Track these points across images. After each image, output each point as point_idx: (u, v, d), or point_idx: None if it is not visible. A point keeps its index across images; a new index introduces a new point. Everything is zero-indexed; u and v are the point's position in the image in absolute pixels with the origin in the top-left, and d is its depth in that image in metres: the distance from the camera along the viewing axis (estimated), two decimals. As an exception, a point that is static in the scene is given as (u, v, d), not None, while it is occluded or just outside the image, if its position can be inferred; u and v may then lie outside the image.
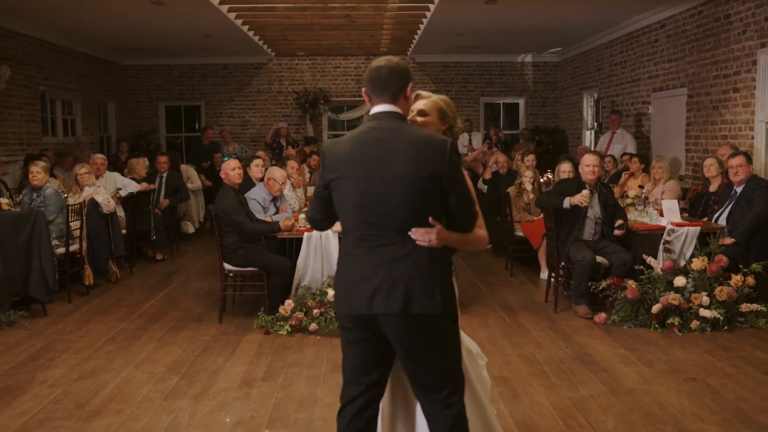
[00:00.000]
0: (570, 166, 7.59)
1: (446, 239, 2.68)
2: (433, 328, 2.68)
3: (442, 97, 3.12)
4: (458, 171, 2.70)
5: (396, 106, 2.78)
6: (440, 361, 2.72)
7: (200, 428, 4.10)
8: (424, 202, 2.65)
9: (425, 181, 2.64)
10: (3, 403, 4.51)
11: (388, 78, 2.76)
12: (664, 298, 5.91)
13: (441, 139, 2.70)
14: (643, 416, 4.15)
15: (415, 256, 2.65)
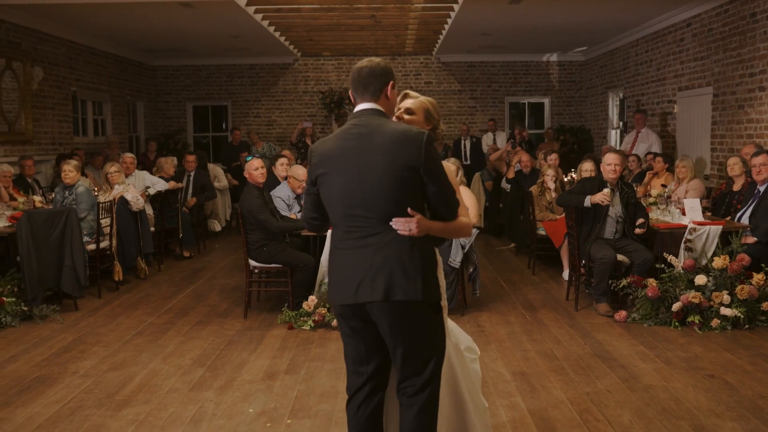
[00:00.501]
0: (592, 165, 7.62)
1: (427, 228, 2.76)
2: (414, 315, 2.77)
3: (428, 99, 3.18)
4: (435, 161, 2.77)
5: (376, 103, 2.89)
6: (421, 348, 2.81)
7: (224, 418, 4.23)
8: (403, 193, 2.74)
9: (402, 171, 2.73)
10: (37, 392, 4.68)
11: (368, 78, 2.87)
12: (684, 296, 5.93)
13: (417, 132, 2.78)
14: (659, 411, 4.20)
15: (396, 245, 2.75)
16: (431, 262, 2.85)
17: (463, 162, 13.48)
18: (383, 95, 2.91)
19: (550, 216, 8.20)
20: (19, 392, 4.68)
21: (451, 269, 6.34)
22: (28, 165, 9.01)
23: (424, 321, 2.81)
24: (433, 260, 2.88)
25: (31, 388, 4.75)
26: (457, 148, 13.80)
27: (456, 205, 2.87)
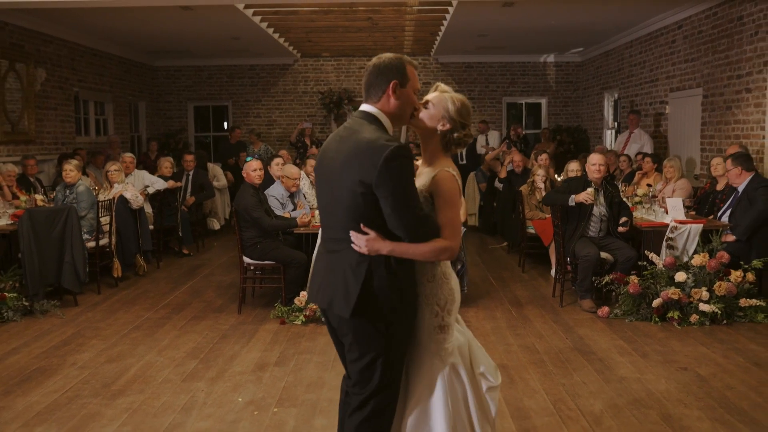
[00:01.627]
0: (578, 166, 7.81)
1: (383, 248, 2.63)
2: (352, 328, 2.71)
3: (458, 96, 2.97)
4: (393, 180, 2.55)
5: (376, 105, 2.78)
6: (361, 362, 2.72)
7: (214, 406, 4.43)
8: (358, 209, 2.63)
9: (355, 186, 2.60)
10: (36, 382, 4.89)
11: (371, 77, 2.79)
12: (664, 292, 6.11)
13: (381, 145, 2.58)
14: (630, 401, 4.39)
15: (347, 259, 2.68)
16: (393, 278, 2.67)
17: (459, 162, 13.67)
18: (385, 96, 2.76)
19: (540, 215, 8.38)
20: (20, 382, 4.89)
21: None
22: (31, 164, 9.23)
23: (363, 336, 2.70)
24: (401, 276, 2.69)
25: (30, 379, 4.95)
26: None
27: (420, 227, 2.64)
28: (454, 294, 2.83)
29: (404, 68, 2.81)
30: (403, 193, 2.59)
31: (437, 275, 2.80)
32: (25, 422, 4.22)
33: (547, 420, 4.14)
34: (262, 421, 4.20)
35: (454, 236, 2.70)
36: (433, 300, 2.79)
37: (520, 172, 9.99)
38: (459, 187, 2.80)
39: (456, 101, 2.90)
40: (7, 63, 9.64)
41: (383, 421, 2.81)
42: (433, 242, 2.66)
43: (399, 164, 2.57)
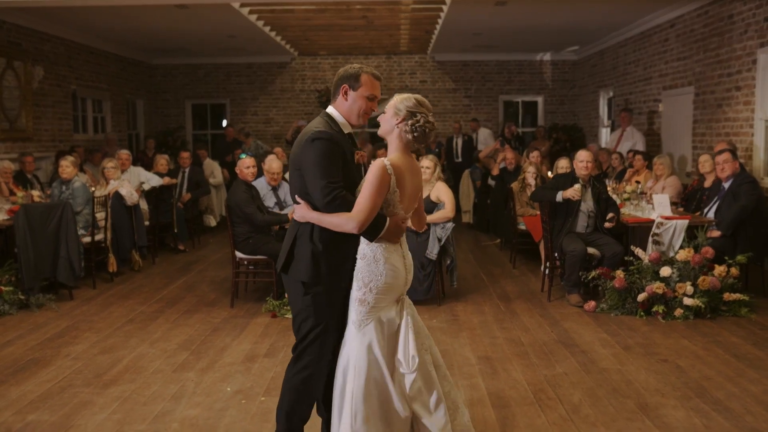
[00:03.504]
0: (568, 163, 7.91)
1: (304, 215, 3.22)
2: (286, 284, 3.39)
3: (403, 95, 3.27)
4: (307, 156, 3.17)
5: (333, 105, 3.39)
6: (293, 317, 3.38)
7: (203, 395, 4.54)
8: (296, 184, 3.28)
9: (294, 166, 3.28)
10: (30, 372, 4.99)
11: (333, 85, 3.40)
12: (649, 287, 6.20)
13: (310, 131, 3.22)
14: (609, 391, 4.49)
15: (292, 228, 3.35)
16: (313, 247, 3.22)
17: (455, 159, 13.78)
18: (339, 97, 3.37)
19: (531, 211, 8.48)
20: (14, 372, 5.00)
21: (429, 261, 6.64)
22: (28, 161, 9.34)
23: (291, 293, 3.36)
24: (320, 246, 3.22)
25: (24, 369, 5.06)
26: (449, 145, 14.07)
27: (326, 198, 3.12)
28: (382, 276, 3.19)
29: (358, 76, 3.33)
30: (314, 167, 3.16)
31: (368, 255, 3.20)
32: (18, 410, 4.32)
33: (526, 408, 4.24)
34: (249, 409, 4.31)
35: (359, 213, 3.08)
36: (359, 275, 3.20)
37: (512, 169, 10.08)
38: (385, 177, 3.10)
39: (403, 97, 3.25)
40: (4, 61, 9.75)
41: (312, 378, 3.32)
42: (339, 214, 3.13)
43: (314, 144, 3.17)
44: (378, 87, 3.38)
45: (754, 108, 8.28)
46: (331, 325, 3.28)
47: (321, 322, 3.26)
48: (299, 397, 3.35)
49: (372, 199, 3.08)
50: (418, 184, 3.35)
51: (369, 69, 3.36)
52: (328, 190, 3.13)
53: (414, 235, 6.72)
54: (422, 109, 3.22)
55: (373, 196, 3.08)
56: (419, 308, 6.54)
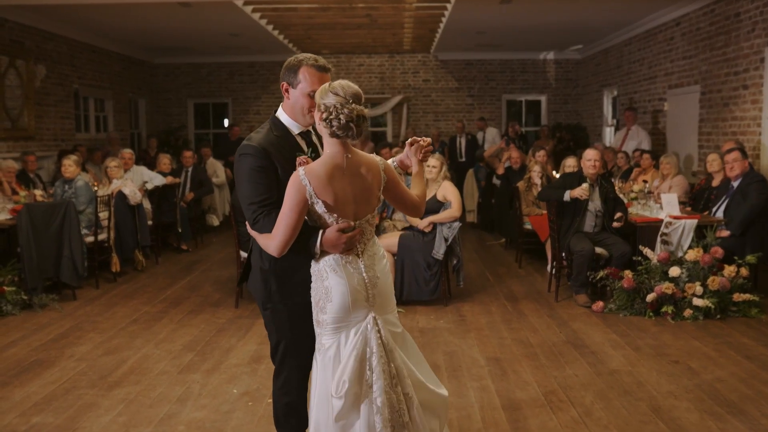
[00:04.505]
0: (575, 161, 7.85)
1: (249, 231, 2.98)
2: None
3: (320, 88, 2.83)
4: (237, 176, 2.97)
5: (281, 104, 3.13)
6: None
7: (209, 397, 4.48)
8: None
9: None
10: (34, 374, 4.94)
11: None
12: (658, 287, 6.14)
13: (242, 142, 3.00)
14: (620, 393, 4.43)
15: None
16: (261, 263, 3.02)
17: (458, 159, 13.72)
18: (284, 95, 3.08)
19: (537, 211, 8.42)
20: (18, 374, 4.94)
21: (435, 261, 6.58)
22: (31, 160, 9.29)
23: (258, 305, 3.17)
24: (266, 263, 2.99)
25: (28, 370, 5.00)
26: (452, 145, 14.02)
27: (250, 218, 2.89)
28: (328, 293, 2.87)
29: (297, 70, 2.97)
30: (239, 186, 2.96)
31: (315, 272, 2.93)
32: (22, 412, 4.27)
33: (537, 411, 4.18)
34: (256, 411, 4.25)
35: (276, 235, 2.79)
36: (312, 294, 2.94)
37: (517, 168, 10.02)
38: (299, 189, 2.76)
39: (320, 89, 2.81)
40: (7, 60, 9.69)
41: (290, 389, 3.13)
42: (264, 235, 2.87)
43: (240, 160, 2.94)
44: (323, 79, 2.94)
45: (762, 106, 8.21)
46: (295, 342, 3.05)
47: (282, 339, 3.06)
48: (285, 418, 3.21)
49: (287, 216, 2.76)
50: (363, 184, 2.87)
51: (311, 60, 2.98)
52: (251, 211, 2.89)
53: (420, 234, 6.67)
54: (338, 98, 2.74)
55: (288, 213, 2.76)
56: (426, 308, 6.53)
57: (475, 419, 4.08)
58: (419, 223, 6.67)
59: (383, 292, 2.94)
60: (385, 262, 3.02)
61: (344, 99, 2.74)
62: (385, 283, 2.96)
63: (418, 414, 2.88)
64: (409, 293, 6.63)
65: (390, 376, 2.84)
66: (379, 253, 3.01)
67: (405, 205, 3.07)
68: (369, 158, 2.92)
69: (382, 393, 2.81)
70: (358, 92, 2.80)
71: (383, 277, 2.95)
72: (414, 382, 2.92)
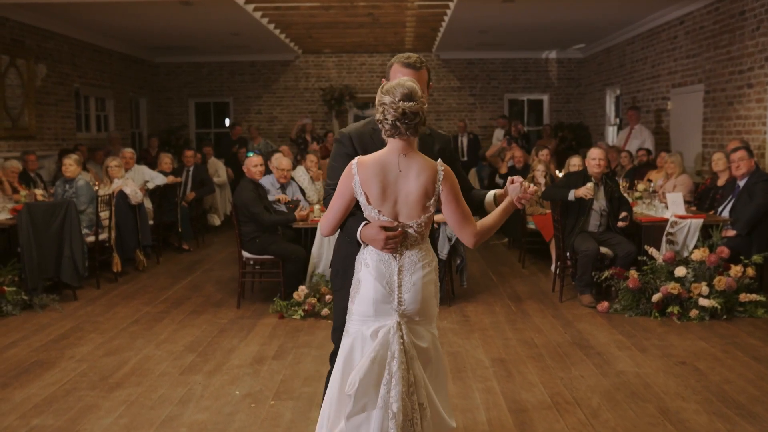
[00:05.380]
0: (580, 160, 7.79)
1: None
2: None
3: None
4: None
5: None
6: None
7: (211, 399, 4.43)
8: None
9: None
10: (34, 375, 4.89)
11: None
12: (664, 287, 6.09)
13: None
14: (627, 395, 4.37)
15: None
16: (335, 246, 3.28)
17: (461, 158, 13.66)
18: None
19: (540, 210, 8.37)
20: (18, 375, 4.89)
21: (439, 261, 6.51)
22: (31, 160, 9.24)
23: None
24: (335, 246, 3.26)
25: (29, 372, 4.95)
26: (454, 144, 13.96)
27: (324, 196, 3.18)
28: (358, 285, 2.92)
29: (390, 68, 3.18)
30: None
31: (356, 261, 2.98)
32: (22, 414, 4.22)
33: (544, 413, 4.12)
34: (258, 413, 4.20)
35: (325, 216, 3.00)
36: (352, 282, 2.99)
37: (520, 167, 9.97)
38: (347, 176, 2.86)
39: (381, 88, 2.88)
40: (7, 59, 9.64)
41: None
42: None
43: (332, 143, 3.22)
44: (408, 75, 3.04)
45: (767, 105, 8.16)
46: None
47: (338, 324, 3.09)
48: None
49: (334, 200, 2.91)
50: (410, 187, 2.82)
51: (401, 58, 3.13)
52: (325, 192, 3.14)
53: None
54: (389, 98, 2.78)
55: (336, 198, 2.89)
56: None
57: (481, 421, 4.03)
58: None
59: (416, 300, 2.86)
60: (428, 272, 2.90)
61: (393, 99, 2.77)
62: (420, 293, 2.86)
63: (429, 427, 2.84)
64: (413, 293, 6.56)
65: (408, 384, 2.79)
66: (424, 261, 2.90)
67: (452, 225, 2.92)
68: (428, 164, 2.83)
69: (399, 399, 2.76)
70: (410, 90, 2.78)
71: (419, 286, 2.86)
72: (429, 400, 2.87)
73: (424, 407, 2.83)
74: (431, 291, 2.90)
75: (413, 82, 2.83)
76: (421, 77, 3.11)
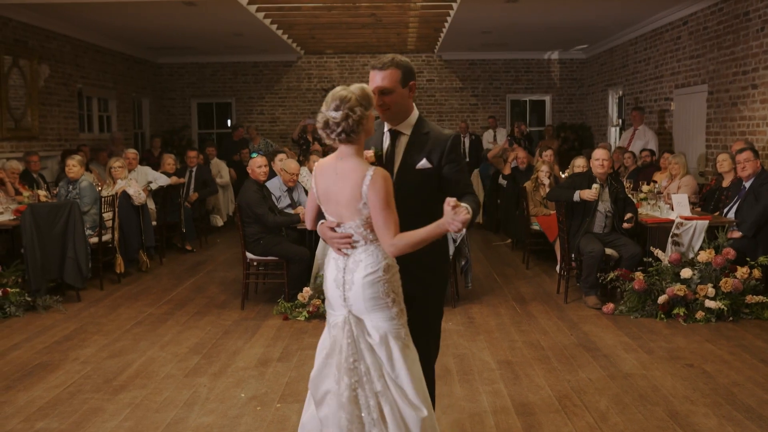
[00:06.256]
0: (584, 162, 7.77)
1: None
2: None
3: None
4: None
5: None
6: None
7: (217, 402, 4.40)
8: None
9: None
10: (38, 377, 4.86)
11: None
12: (670, 289, 6.06)
13: None
14: (635, 398, 4.35)
15: None
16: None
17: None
18: None
19: (544, 211, 8.34)
20: (21, 377, 4.87)
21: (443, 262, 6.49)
22: (34, 160, 9.22)
23: None
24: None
25: (32, 374, 4.93)
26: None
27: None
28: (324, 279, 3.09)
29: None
30: None
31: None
32: (26, 417, 4.19)
33: (552, 416, 4.10)
34: (264, 416, 4.17)
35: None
36: None
37: (524, 168, 9.95)
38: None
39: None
40: (10, 59, 9.62)
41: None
42: None
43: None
44: (376, 77, 3.10)
45: (772, 106, 8.13)
46: None
47: None
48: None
49: (309, 197, 3.17)
50: (346, 191, 2.86)
51: (373, 62, 3.19)
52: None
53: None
54: (323, 107, 2.91)
55: (310, 194, 3.15)
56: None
57: (489, 424, 4.00)
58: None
59: (357, 298, 2.92)
60: (371, 273, 2.90)
61: (324, 109, 2.89)
62: (360, 292, 2.90)
63: (393, 413, 2.87)
64: (417, 295, 6.53)
65: (358, 375, 2.89)
66: (367, 262, 2.91)
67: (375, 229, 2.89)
68: (359, 168, 2.86)
69: (347, 389, 2.88)
70: (339, 99, 2.85)
71: (359, 285, 2.90)
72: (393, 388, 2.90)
73: (383, 393, 2.89)
74: (378, 290, 2.90)
75: (347, 89, 2.87)
76: (388, 76, 3.10)
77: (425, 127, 3.21)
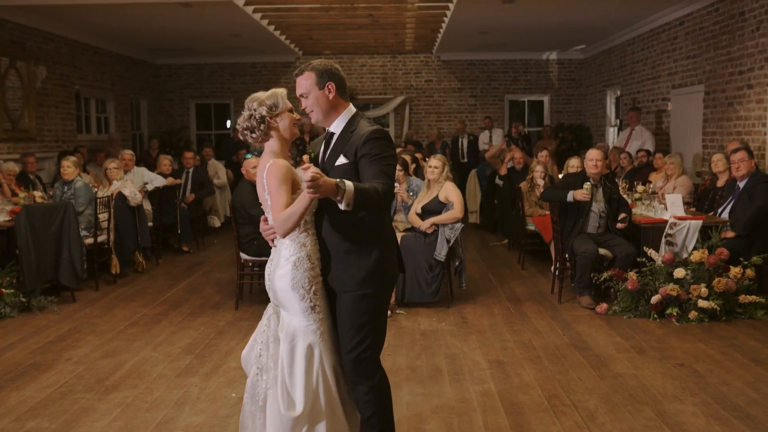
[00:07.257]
0: (578, 162, 7.77)
1: None
2: None
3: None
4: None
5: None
6: None
7: (208, 401, 4.42)
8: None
9: None
10: (30, 377, 4.88)
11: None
12: (663, 289, 6.07)
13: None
14: (625, 397, 4.36)
15: None
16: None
17: (461, 159, 13.65)
18: None
19: (540, 211, 8.35)
20: (14, 378, 4.88)
21: (437, 262, 6.51)
22: (31, 162, 9.23)
23: None
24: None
25: (25, 374, 4.95)
26: (454, 145, 13.96)
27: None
28: None
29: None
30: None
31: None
32: (17, 417, 4.21)
33: (541, 415, 4.11)
34: (254, 416, 4.18)
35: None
36: None
37: (520, 168, 9.96)
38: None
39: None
40: (7, 61, 9.65)
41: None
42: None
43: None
44: (297, 84, 3.22)
45: (767, 106, 8.14)
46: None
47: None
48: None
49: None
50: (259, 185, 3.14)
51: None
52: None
53: (422, 236, 6.61)
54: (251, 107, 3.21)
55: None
56: (428, 311, 6.47)
57: (477, 423, 4.01)
58: (421, 224, 6.62)
59: (270, 288, 3.18)
60: (282, 266, 3.09)
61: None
62: (273, 284, 3.14)
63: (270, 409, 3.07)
64: (411, 295, 6.56)
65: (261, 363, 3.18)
66: (282, 257, 3.09)
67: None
68: (263, 165, 3.09)
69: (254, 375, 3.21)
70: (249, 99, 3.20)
71: (273, 277, 3.13)
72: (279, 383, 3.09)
73: (268, 388, 3.11)
74: (285, 284, 3.07)
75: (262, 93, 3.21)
76: (303, 80, 3.19)
77: (354, 125, 3.16)
